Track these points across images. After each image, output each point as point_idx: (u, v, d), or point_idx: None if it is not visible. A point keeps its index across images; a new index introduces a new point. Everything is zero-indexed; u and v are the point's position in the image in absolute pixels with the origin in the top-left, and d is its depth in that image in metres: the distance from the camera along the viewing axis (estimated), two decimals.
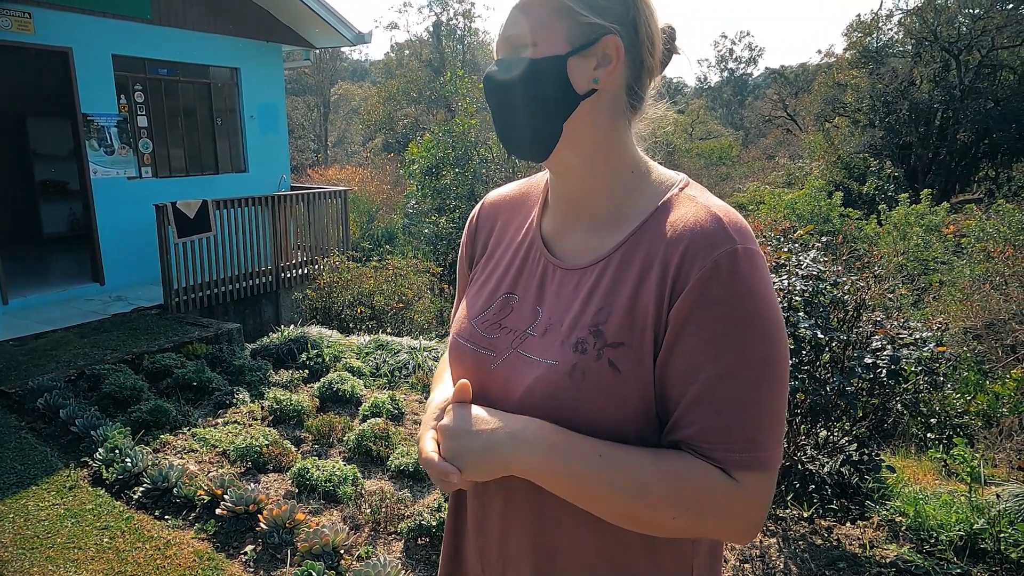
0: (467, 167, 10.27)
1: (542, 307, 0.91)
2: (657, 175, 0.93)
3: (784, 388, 0.81)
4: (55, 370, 4.82)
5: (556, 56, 0.86)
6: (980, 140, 22.64)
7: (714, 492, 0.78)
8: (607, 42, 0.86)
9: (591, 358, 0.83)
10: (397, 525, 3.06)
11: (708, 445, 0.79)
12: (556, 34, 0.86)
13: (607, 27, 0.85)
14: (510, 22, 0.89)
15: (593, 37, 0.85)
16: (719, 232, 0.81)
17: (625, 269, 0.85)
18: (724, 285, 0.78)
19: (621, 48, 0.86)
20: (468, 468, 0.84)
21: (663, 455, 0.81)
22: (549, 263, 0.94)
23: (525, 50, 0.87)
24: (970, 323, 6.96)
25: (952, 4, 22.76)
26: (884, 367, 2.88)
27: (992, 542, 2.78)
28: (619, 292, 0.85)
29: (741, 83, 53.15)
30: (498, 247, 1.03)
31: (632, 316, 0.82)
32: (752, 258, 0.80)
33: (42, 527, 3.08)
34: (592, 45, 0.86)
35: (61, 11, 6.63)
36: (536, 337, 0.89)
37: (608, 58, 0.86)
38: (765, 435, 0.79)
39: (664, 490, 0.78)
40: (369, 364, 5.44)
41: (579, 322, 0.86)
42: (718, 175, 23.90)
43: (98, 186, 7.14)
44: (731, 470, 0.79)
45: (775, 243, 3.62)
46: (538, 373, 0.86)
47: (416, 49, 31.02)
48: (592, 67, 0.86)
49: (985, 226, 9.46)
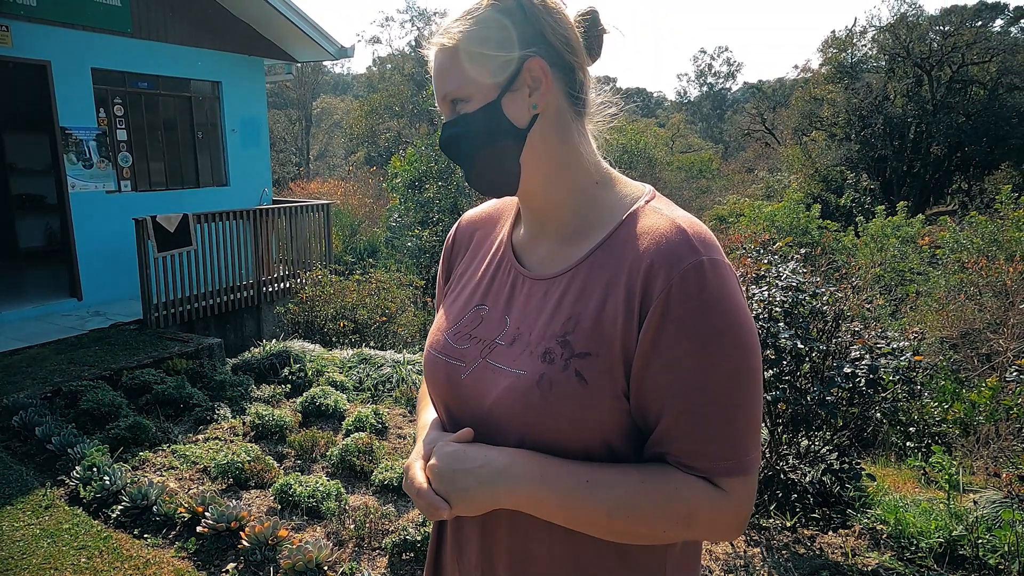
0: (450, 180, 10.30)
1: (510, 316, 0.93)
2: (622, 186, 0.95)
3: (759, 390, 0.83)
4: (31, 387, 4.73)
5: (489, 104, 0.88)
6: (953, 153, 23.17)
7: (702, 504, 0.81)
8: (529, 67, 0.88)
9: (558, 368, 0.84)
10: (381, 540, 3.03)
11: (693, 458, 0.81)
12: (480, 82, 0.88)
13: (523, 54, 0.88)
14: (437, 81, 0.92)
15: (514, 69, 0.88)
16: (684, 244, 0.82)
17: (592, 280, 0.87)
18: (693, 298, 0.79)
19: (545, 66, 0.88)
20: (458, 504, 0.85)
21: (650, 473, 0.82)
22: (519, 274, 0.96)
23: (461, 105, 0.90)
24: (946, 333, 7.09)
25: (924, 21, 23.35)
26: (863, 376, 2.93)
27: (970, 548, 2.82)
28: (586, 303, 0.86)
29: (720, 97, 53.93)
30: (472, 262, 1.05)
31: (599, 327, 0.84)
32: (717, 268, 0.81)
33: (17, 548, 3.01)
34: (517, 77, 0.88)
35: (39, 24, 6.58)
36: (503, 346, 0.91)
37: (537, 80, 0.89)
38: (746, 440, 0.81)
39: (654, 508, 0.80)
40: (352, 378, 5.41)
41: (547, 332, 0.87)
42: (698, 188, 24.18)
43: (76, 200, 7.05)
44: (717, 479, 0.81)
45: (755, 255, 3.67)
46: (507, 383, 0.87)
47: (398, 63, 31.13)
48: (526, 96, 0.89)
49: (959, 237, 9.66)
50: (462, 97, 0.90)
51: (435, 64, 0.92)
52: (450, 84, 0.90)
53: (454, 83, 0.90)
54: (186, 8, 7.98)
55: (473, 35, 0.88)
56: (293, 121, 32.03)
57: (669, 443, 0.82)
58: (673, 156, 29.98)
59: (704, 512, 0.81)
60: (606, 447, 0.85)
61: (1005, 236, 9.09)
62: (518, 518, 0.89)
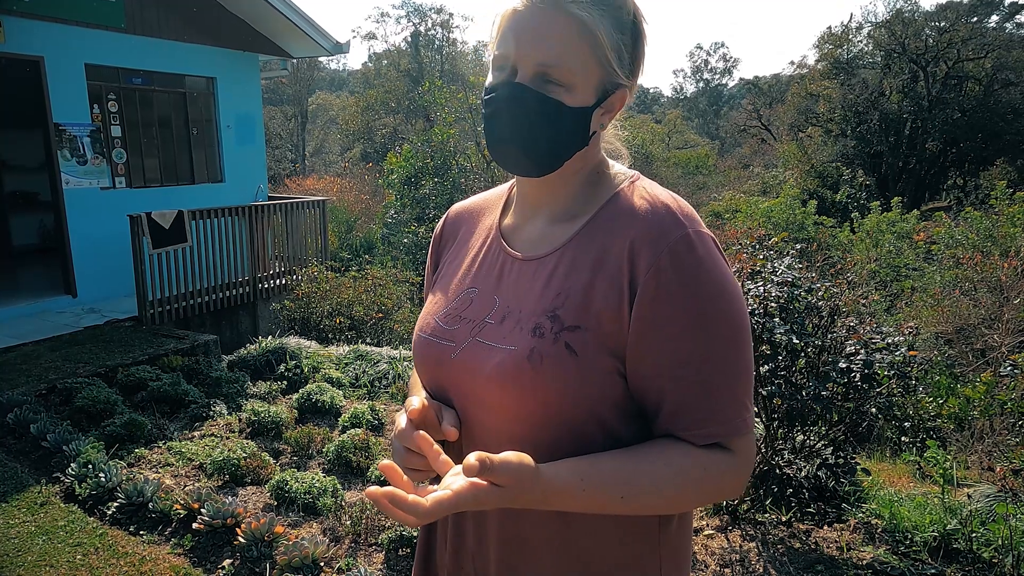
0: (446, 176, 10.29)
1: (499, 296, 0.94)
2: (613, 172, 0.97)
3: (751, 346, 0.86)
4: (25, 384, 4.71)
5: (586, 107, 0.89)
6: (948, 149, 23.22)
7: (723, 474, 0.84)
8: (622, 95, 0.91)
9: (548, 342, 0.84)
10: (378, 536, 3.04)
11: (705, 426, 0.83)
12: (590, 84, 0.88)
13: (627, 82, 0.91)
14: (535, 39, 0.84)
15: (613, 89, 0.90)
16: (670, 219, 0.85)
17: (581, 257, 0.88)
18: (682, 271, 0.82)
19: (627, 100, 0.92)
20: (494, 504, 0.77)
21: (670, 457, 0.83)
22: (508, 256, 0.97)
23: (556, 88, 0.86)
24: (941, 328, 7.11)
25: (919, 17, 23.37)
26: (858, 372, 2.93)
27: (965, 542, 2.83)
28: (575, 278, 0.87)
29: (716, 93, 53.93)
30: (461, 250, 1.06)
31: (588, 301, 0.85)
32: (703, 240, 0.84)
33: (12, 545, 3.00)
34: (609, 96, 0.90)
35: (32, 19, 6.53)
36: (494, 324, 0.91)
37: (612, 107, 0.92)
38: (747, 399, 0.85)
39: (679, 490, 0.83)
40: (348, 375, 5.40)
41: (536, 308, 0.88)
42: (695, 184, 24.19)
43: (70, 197, 7.02)
44: (726, 441, 0.84)
45: (751, 250, 3.67)
46: (498, 359, 0.87)
47: (394, 59, 31.04)
48: (601, 114, 0.91)
49: (954, 233, 9.68)
50: (561, 81, 0.86)
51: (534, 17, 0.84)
52: (561, 59, 0.84)
53: (566, 63, 0.84)
54: (180, 3, 7.93)
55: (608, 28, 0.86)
56: (289, 117, 31.91)
57: (679, 417, 0.84)
58: (669, 152, 30.00)
59: (723, 480, 0.85)
60: (599, 422, 0.86)
61: (1000, 232, 9.11)
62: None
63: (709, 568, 2.83)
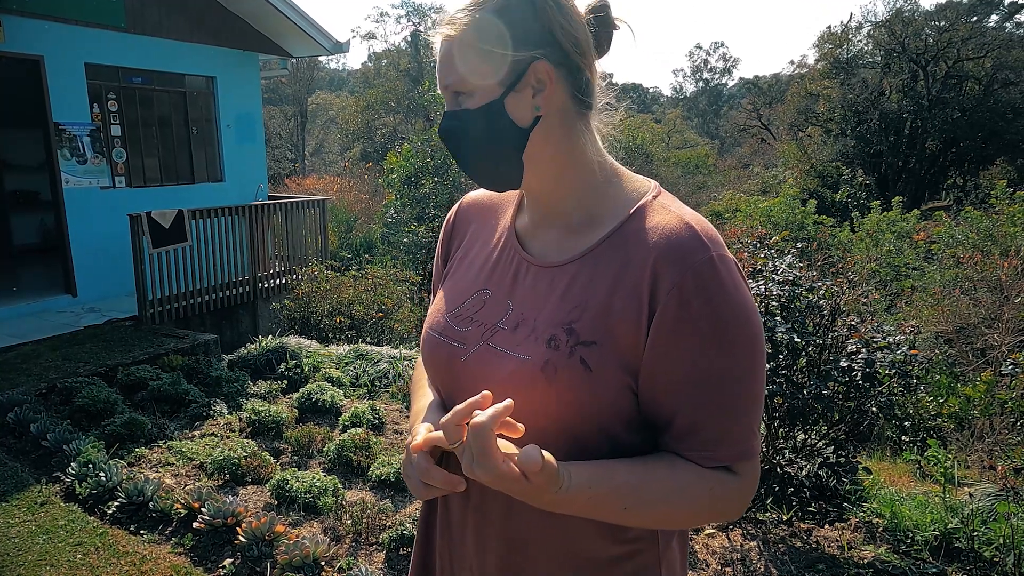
0: (446, 176, 10.27)
1: (513, 301, 0.93)
2: (628, 180, 0.95)
3: (764, 374, 0.87)
4: (25, 384, 4.70)
5: (492, 102, 0.87)
6: (948, 149, 23.22)
7: (726, 496, 0.85)
8: (535, 69, 0.86)
9: (563, 355, 0.84)
10: (379, 535, 3.03)
11: (715, 448, 0.84)
12: (486, 79, 0.87)
13: (530, 55, 0.86)
14: (441, 71, 0.90)
15: (520, 70, 0.86)
16: (693, 241, 0.84)
17: (600, 270, 0.87)
18: (705, 294, 0.81)
19: (551, 69, 0.87)
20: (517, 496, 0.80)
21: (677, 474, 0.84)
22: (523, 260, 0.95)
23: (464, 99, 0.89)
24: (941, 327, 7.11)
25: (919, 16, 23.36)
26: (859, 371, 2.93)
27: (966, 541, 2.83)
28: (594, 292, 0.86)
29: (716, 93, 53.94)
30: (473, 246, 1.04)
31: (606, 317, 0.84)
32: (726, 264, 0.84)
33: (12, 545, 3.00)
34: (522, 78, 0.86)
35: (32, 19, 6.52)
36: (507, 331, 0.90)
37: (541, 83, 0.87)
38: (756, 424, 0.86)
39: (681, 508, 0.85)
40: (349, 374, 5.40)
41: (553, 319, 0.87)
42: (695, 184, 24.17)
43: (70, 196, 7.01)
44: (733, 465, 0.85)
45: (751, 249, 3.67)
46: (511, 367, 0.87)
47: (394, 59, 31.04)
48: (530, 97, 0.88)
49: (954, 232, 9.68)
50: (464, 91, 0.89)
51: (439, 52, 0.90)
52: (452, 76, 0.89)
53: (457, 76, 0.88)
54: (180, 3, 7.93)
55: (480, 29, 0.86)
56: (288, 117, 31.91)
57: (689, 437, 0.84)
58: (669, 152, 29.97)
59: (728, 501, 0.86)
60: (606, 433, 0.85)
61: (1000, 231, 9.11)
62: (513, 501, 0.88)
63: (710, 567, 2.83)
